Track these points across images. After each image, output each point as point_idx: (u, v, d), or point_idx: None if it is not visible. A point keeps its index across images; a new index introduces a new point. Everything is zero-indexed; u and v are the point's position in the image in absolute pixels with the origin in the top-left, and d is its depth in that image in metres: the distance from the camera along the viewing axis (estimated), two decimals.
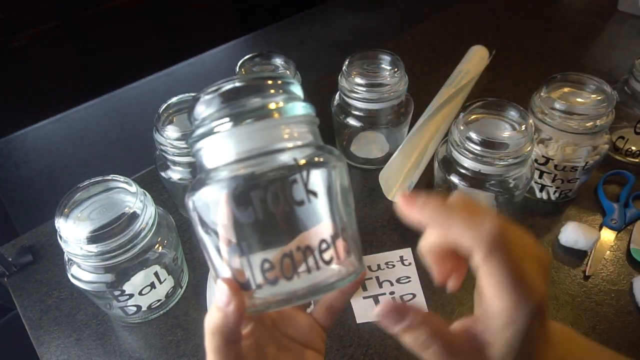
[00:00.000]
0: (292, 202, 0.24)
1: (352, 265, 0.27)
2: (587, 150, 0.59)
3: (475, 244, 0.21)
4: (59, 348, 0.52)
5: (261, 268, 0.25)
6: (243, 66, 0.66)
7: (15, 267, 0.59)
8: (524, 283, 0.21)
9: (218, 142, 0.25)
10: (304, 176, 0.25)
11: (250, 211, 0.24)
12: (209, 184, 0.25)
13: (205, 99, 0.26)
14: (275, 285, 0.25)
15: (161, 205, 0.54)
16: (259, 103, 0.26)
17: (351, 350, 0.51)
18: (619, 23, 1.03)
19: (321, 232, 0.26)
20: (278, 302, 0.25)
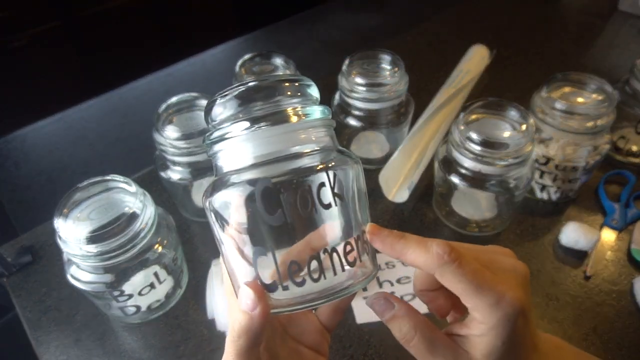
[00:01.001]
0: (320, 205, 0.25)
1: (370, 266, 0.28)
2: (587, 150, 0.59)
3: (428, 265, 0.25)
4: (59, 348, 0.52)
5: (289, 270, 0.25)
6: (243, 66, 0.66)
7: (14, 267, 0.59)
8: (486, 290, 0.24)
9: (240, 145, 0.25)
10: (331, 180, 0.25)
11: (279, 214, 0.24)
12: (233, 186, 0.25)
13: (225, 100, 0.26)
14: (301, 286, 0.25)
15: (161, 205, 0.54)
16: (281, 106, 0.26)
17: (351, 351, 0.50)
18: (619, 23, 1.03)
19: (346, 234, 0.26)
20: (302, 304, 0.25)
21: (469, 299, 0.24)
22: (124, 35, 1.03)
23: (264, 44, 1.04)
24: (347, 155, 0.27)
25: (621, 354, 0.50)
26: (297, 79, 0.27)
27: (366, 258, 0.27)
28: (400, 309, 0.27)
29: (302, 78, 0.27)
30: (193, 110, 0.59)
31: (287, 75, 0.27)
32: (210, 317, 0.53)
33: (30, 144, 0.82)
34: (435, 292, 0.29)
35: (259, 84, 0.26)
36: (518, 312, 0.24)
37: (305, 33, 1.07)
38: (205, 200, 0.26)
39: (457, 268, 0.24)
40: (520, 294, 0.24)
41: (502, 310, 0.23)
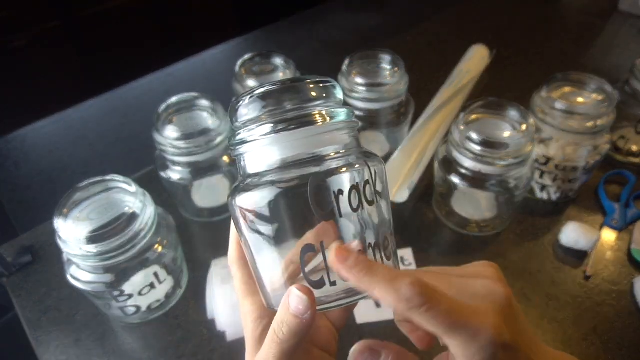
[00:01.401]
0: (367, 202, 0.26)
1: (397, 261, 0.28)
2: (588, 150, 0.59)
3: (397, 307, 0.23)
4: (58, 348, 0.52)
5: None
6: (243, 66, 0.66)
7: (14, 267, 0.59)
8: (460, 327, 0.22)
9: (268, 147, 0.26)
10: (373, 177, 0.26)
11: (330, 211, 0.25)
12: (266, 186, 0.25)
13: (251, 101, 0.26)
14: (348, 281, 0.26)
15: (161, 205, 0.54)
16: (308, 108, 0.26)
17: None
18: (619, 23, 1.03)
19: (383, 230, 0.27)
20: (346, 298, 0.26)
21: (444, 338, 0.23)
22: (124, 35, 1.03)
23: (264, 44, 1.04)
24: (375, 156, 0.28)
25: (621, 354, 0.50)
26: (323, 80, 0.27)
27: (395, 253, 0.28)
28: (387, 356, 0.26)
29: (328, 79, 0.27)
30: (193, 110, 0.59)
31: (313, 77, 0.27)
32: (210, 317, 0.53)
33: (30, 144, 0.82)
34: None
35: (285, 86, 0.26)
36: (497, 345, 0.22)
37: (305, 33, 1.07)
38: (233, 199, 0.26)
39: (426, 311, 0.22)
40: (499, 325, 0.23)
41: (479, 344, 0.22)
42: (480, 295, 0.24)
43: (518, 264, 0.59)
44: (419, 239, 0.62)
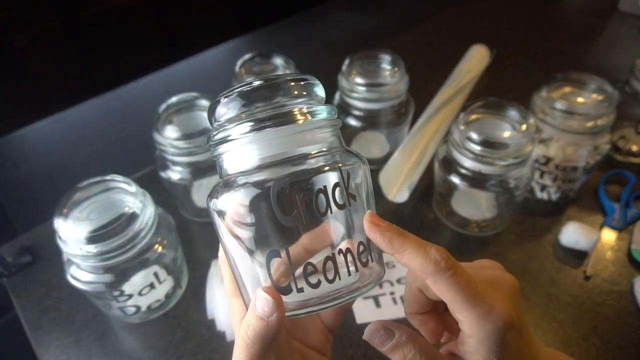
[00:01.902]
0: (335, 206, 0.25)
1: (379, 267, 0.27)
2: (588, 150, 0.59)
3: (424, 269, 0.24)
4: (58, 348, 0.52)
5: (304, 271, 0.25)
6: (243, 66, 0.66)
7: (14, 267, 0.59)
8: (477, 301, 0.23)
9: (246, 147, 0.25)
10: (345, 179, 0.25)
11: (295, 215, 0.24)
12: (242, 187, 0.24)
13: (229, 100, 0.25)
14: (317, 288, 0.25)
15: (161, 205, 0.54)
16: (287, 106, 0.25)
17: (351, 351, 0.50)
18: (619, 23, 1.03)
19: (359, 234, 0.26)
20: (315, 306, 0.25)
21: (458, 310, 0.24)
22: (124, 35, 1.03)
23: (264, 44, 1.04)
24: (355, 155, 0.27)
25: (621, 354, 0.50)
26: (302, 77, 0.26)
27: (376, 258, 0.27)
28: (402, 336, 0.26)
29: (308, 77, 0.27)
30: (193, 110, 0.59)
31: (293, 74, 0.26)
32: (210, 317, 0.53)
33: (30, 144, 0.82)
34: (426, 315, 0.29)
35: (264, 84, 0.25)
36: (507, 325, 0.23)
37: (305, 33, 1.07)
38: (210, 201, 0.26)
39: (451, 276, 0.23)
40: (509, 307, 0.24)
41: (491, 323, 0.23)
42: (490, 281, 0.25)
43: (518, 264, 0.59)
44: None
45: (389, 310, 0.53)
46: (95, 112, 0.88)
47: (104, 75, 0.96)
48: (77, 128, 0.85)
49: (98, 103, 0.89)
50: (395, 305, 0.54)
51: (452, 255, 0.24)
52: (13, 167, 0.77)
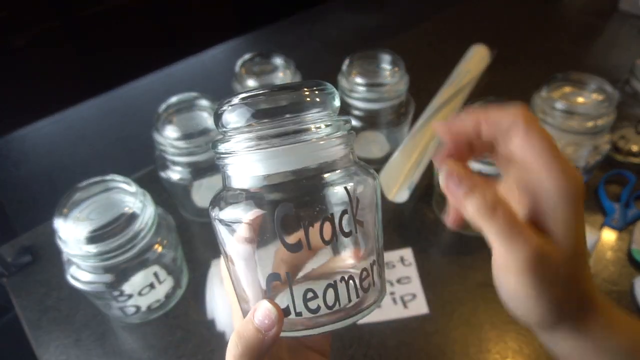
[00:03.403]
0: (341, 234, 0.24)
1: (381, 288, 0.27)
2: (588, 150, 0.59)
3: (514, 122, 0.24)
4: (58, 348, 0.52)
5: (304, 297, 0.24)
6: (243, 66, 0.66)
7: (14, 267, 0.59)
8: (563, 159, 0.23)
9: (252, 162, 0.24)
10: (354, 207, 0.24)
11: (299, 242, 0.23)
12: (247, 204, 0.23)
13: (237, 108, 0.24)
14: (315, 314, 0.24)
15: (161, 205, 0.54)
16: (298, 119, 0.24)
17: (352, 351, 0.50)
18: (619, 23, 1.03)
19: (363, 261, 0.25)
20: (311, 328, 0.25)
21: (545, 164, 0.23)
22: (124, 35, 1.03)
23: (264, 44, 1.04)
24: (365, 170, 0.26)
25: None
26: (317, 87, 0.25)
27: (378, 281, 0.26)
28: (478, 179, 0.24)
29: (323, 86, 0.25)
30: (193, 110, 0.59)
31: (307, 83, 0.25)
32: (210, 317, 0.53)
33: (30, 144, 0.82)
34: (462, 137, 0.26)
35: (275, 93, 0.24)
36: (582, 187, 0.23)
37: (305, 33, 1.07)
38: (213, 210, 0.25)
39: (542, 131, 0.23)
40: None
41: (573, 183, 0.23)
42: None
43: None
44: (419, 239, 0.62)
45: (389, 310, 0.53)
46: (95, 112, 0.88)
47: (104, 75, 0.96)
48: (77, 128, 0.85)
49: (98, 103, 0.89)
50: (395, 305, 0.54)
51: (452, 255, 0.24)
52: (13, 167, 0.77)
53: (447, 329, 0.52)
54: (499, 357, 0.50)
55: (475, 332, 0.52)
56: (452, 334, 0.51)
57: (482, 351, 0.50)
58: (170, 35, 1.12)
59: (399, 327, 0.52)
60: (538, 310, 0.23)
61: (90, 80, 1.01)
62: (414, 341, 0.50)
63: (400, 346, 0.50)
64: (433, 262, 0.58)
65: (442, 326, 0.52)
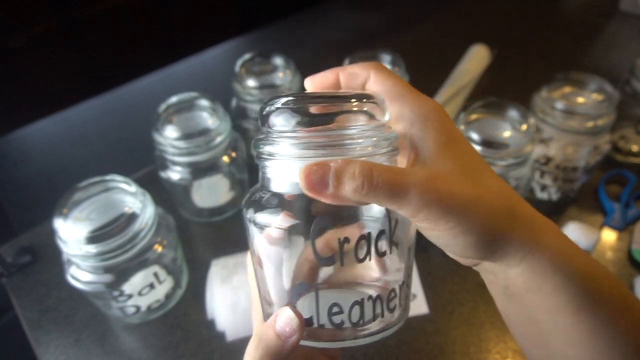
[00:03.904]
0: (376, 253, 0.24)
1: (406, 308, 0.27)
2: (588, 150, 0.59)
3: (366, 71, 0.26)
4: (58, 348, 0.52)
5: (329, 311, 0.24)
6: (243, 66, 0.66)
7: (14, 267, 0.59)
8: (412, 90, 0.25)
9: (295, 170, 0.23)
10: (392, 228, 0.24)
11: (333, 257, 0.23)
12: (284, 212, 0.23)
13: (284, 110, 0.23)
14: (339, 328, 0.24)
15: (161, 205, 0.54)
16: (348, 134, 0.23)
17: (352, 351, 0.50)
18: (620, 23, 1.03)
19: (393, 282, 0.25)
20: (332, 341, 0.25)
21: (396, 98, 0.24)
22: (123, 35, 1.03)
23: (264, 43, 1.04)
24: None
25: None
26: (369, 100, 0.24)
27: (404, 302, 0.26)
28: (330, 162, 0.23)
29: (375, 99, 0.24)
30: (193, 110, 0.59)
31: (359, 95, 0.24)
32: (210, 317, 0.53)
33: (30, 144, 0.82)
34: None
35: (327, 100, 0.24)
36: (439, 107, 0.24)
37: (305, 33, 1.07)
38: (248, 210, 0.25)
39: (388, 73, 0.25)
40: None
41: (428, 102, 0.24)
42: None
43: None
44: (419, 238, 0.61)
45: None
46: (95, 112, 0.88)
47: (104, 75, 0.96)
48: (77, 128, 0.85)
49: (98, 103, 0.89)
50: None
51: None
52: (13, 166, 0.77)
53: (447, 329, 0.52)
54: (499, 357, 0.50)
55: (475, 332, 0.52)
56: (452, 333, 0.51)
57: (482, 351, 0.50)
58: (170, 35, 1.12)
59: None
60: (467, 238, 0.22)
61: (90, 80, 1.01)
62: (414, 341, 0.50)
63: (400, 346, 0.50)
64: (433, 262, 0.58)
65: (442, 326, 0.52)
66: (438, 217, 0.21)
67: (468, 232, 0.22)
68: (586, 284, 0.23)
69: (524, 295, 0.24)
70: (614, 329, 0.23)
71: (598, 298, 0.23)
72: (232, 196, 0.65)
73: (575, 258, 0.24)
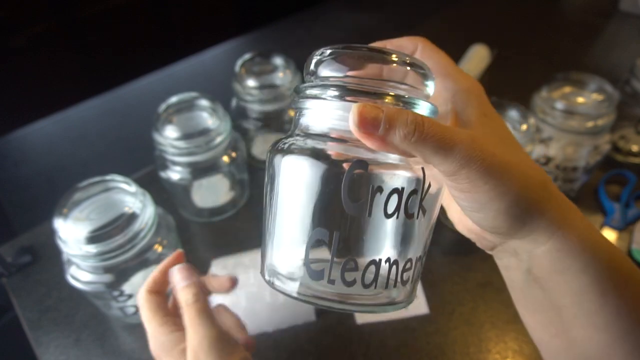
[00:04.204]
0: (404, 213, 0.23)
1: (412, 291, 0.26)
2: (588, 150, 0.59)
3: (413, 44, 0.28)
4: (58, 348, 0.52)
5: (343, 265, 0.23)
6: (243, 66, 0.66)
7: (14, 267, 0.59)
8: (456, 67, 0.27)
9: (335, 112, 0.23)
10: (424, 189, 0.23)
11: (361, 204, 0.22)
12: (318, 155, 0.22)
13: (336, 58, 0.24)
14: (349, 287, 0.23)
15: (161, 205, 0.54)
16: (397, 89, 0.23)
17: (352, 351, 0.50)
18: (620, 23, 1.03)
19: (412, 251, 0.24)
20: (335, 303, 0.23)
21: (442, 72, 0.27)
22: (123, 35, 1.03)
23: (264, 43, 1.04)
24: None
25: None
26: (421, 68, 0.24)
27: (413, 282, 0.25)
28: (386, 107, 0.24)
29: (425, 69, 0.25)
30: (193, 110, 0.59)
31: (412, 59, 0.24)
32: None
33: (30, 144, 0.82)
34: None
35: (380, 58, 0.24)
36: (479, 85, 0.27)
37: (305, 33, 1.07)
38: (275, 154, 0.24)
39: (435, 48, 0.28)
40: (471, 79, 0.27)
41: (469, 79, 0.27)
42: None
43: None
44: None
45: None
46: (95, 112, 0.88)
47: (104, 75, 0.96)
48: (77, 128, 0.85)
49: (98, 103, 0.89)
50: None
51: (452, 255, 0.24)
52: (13, 166, 0.77)
53: (447, 329, 0.52)
54: (499, 357, 0.50)
55: (475, 332, 0.52)
56: (452, 334, 0.51)
57: (482, 351, 0.50)
58: (170, 35, 1.12)
59: (399, 327, 0.52)
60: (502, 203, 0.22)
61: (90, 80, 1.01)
62: (414, 341, 0.50)
63: (400, 346, 0.50)
64: (433, 262, 0.58)
65: (442, 326, 0.52)
66: (478, 177, 0.21)
67: (504, 196, 0.22)
68: (611, 266, 0.23)
69: (549, 278, 0.24)
70: (637, 312, 0.22)
71: (622, 280, 0.23)
72: (232, 196, 0.65)
73: (600, 240, 0.24)
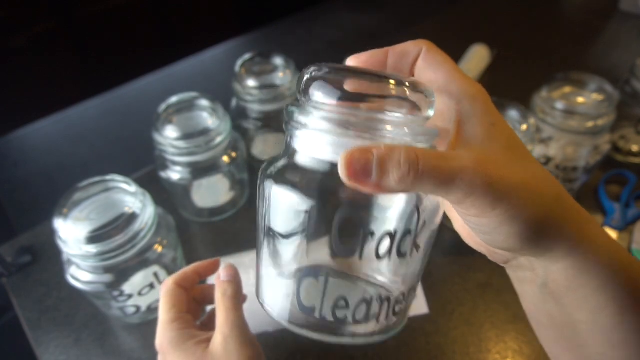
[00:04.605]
0: (396, 253, 0.22)
1: (406, 314, 0.25)
2: (588, 150, 0.59)
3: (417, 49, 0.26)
4: (58, 348, 0.52)
5: (334, 304, 0.22)
6: (243, 66, 0.66)
7: (14, 267, 0.59)
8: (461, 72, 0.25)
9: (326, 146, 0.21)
10: (419, 228, 0.22)
11: (351, 248, 0.21)
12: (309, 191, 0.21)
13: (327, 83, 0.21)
14: (339, 324, 0.22)
15: (161, 205, 0.54)
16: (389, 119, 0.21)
17: (352, 351, 0.50)
18: (620, 23, 1.03)
19: (404, 285, 0.24)
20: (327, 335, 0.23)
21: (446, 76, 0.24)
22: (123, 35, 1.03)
23: (264, 43, 1.04)
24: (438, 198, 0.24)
25: None
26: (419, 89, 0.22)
27: (406, 308, 0.25)
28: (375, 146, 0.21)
29: (425, 89, 0.22)
30: (193, 110, 0.59)
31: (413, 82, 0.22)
32: None
33: (30, 144, 0.82)
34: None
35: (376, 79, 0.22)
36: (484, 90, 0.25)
37: (305, 33, 1.07)
38: (267, 180, 0.23)
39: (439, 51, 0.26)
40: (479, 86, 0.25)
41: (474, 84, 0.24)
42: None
43: None
44: None
45: None
46: (95, 112, 0.88)
47: (104, 75, 0.96)
48: (76, 128, 0.85)
49: (98, 103, 0.89)
50: None
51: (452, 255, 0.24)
52: (12, 166, 0.77)
53: (447, 329, 0.52)
54: (499, 357, 0.50)
55: (475, 332, 0.52)
56: (452, 334, 0.51)
57: (482, 351, 0.50)
58: (170, 35, 1.12)
59: None
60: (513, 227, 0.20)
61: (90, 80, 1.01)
62: (414, 341, 0.50)
63: (400, 346, 0.50)
64: (433, 262, 0.58)
65: (442, 326, 0.52)
66: (485, 203, 0.20)
67: (515, 220, 0.20)
68: (630, 282, 0.22)
69: (565, 294, 0.22)
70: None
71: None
72: (232, 196, 0.65)
73: (619, 254, 0.22)
